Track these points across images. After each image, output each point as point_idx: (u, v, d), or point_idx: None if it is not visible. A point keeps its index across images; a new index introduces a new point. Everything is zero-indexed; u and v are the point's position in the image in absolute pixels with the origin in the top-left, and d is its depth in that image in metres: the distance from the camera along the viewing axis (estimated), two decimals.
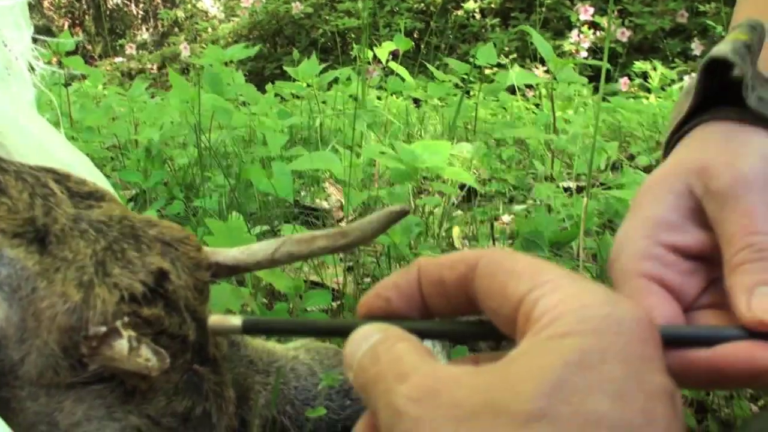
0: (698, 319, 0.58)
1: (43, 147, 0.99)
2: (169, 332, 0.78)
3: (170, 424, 0.78)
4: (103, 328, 0.73)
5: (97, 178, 0.97)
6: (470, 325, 0.50)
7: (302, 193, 2.05)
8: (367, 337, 0.48)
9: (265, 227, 1.63)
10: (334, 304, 1.33)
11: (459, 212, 1.95)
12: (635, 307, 0.42)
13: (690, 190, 0.59)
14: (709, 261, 0.59)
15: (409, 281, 0.51)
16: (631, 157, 2.51)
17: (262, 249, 0.90)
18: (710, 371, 0.49)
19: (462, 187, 1.92)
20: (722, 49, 0.65)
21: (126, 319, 0.74)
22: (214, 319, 0.55)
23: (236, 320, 0.54)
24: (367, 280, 1.43)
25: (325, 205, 1.98)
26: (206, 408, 0.80)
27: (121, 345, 0.73)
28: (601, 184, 2.09)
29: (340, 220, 1.87)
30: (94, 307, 0.74)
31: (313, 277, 1.42)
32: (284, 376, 0.96)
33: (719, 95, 0.65)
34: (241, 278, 1.27)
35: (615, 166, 2.32)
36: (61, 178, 0.86)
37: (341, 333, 0.51)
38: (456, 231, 1.78)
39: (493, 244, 1.40)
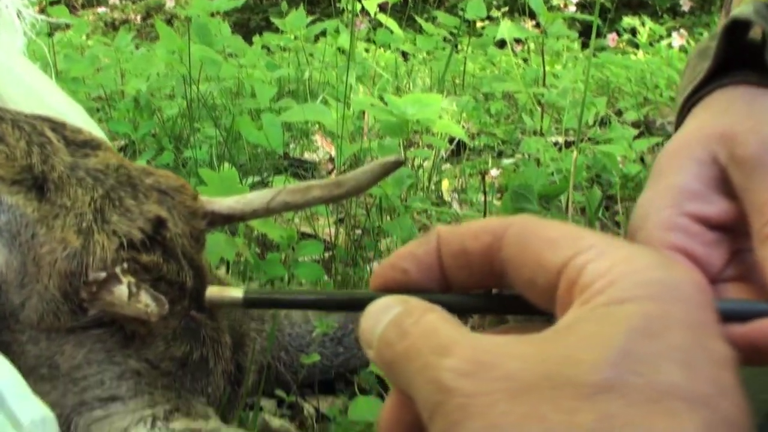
0: (722, 292, 0.56)
1: (38, 95, 0.99)
2: (168, 279, 0.79)
3: (168, 368, 0.80)
4: (103, 274, 0.74)
5: (91, 127, 0.98)
6: (500, 300, 0.47)
7: (291, 146, 2.05)
8: (386, 310, 0.44)
9: (257, 178, 1.63)
10: (326, 255, 1.35)
11: (448, 166, 1.96)
12: (690, 271, 0.40)
13: (714, 158, 0.57)
14: (732, 232, 0.56)
15: (428, 251, 0.47)
16: (619, 113, 2.52)
17: (257, 198, 0.91)
18: (745, 347, 0.47)
19: (451, 140, 1.93)
20: (744, 10, 0.62)
21: (125, 265, 0.75)
22: (213, 291, 0.51)
23: (236, 292, 0.50)
24: (358, 231, 1.45)
25: (314, 157, 1.98)
26: (203, 353, 0.82)
27: (121, 290, 0.74)
28: (590, 139, 2.10)
29: (329, 173, 1.87)
30: (93, 253, 0.75)
31: (305, 228, 1.43)
32: (279, 323, 0.98)
33: (738, 58, 0.63)
34: (233, 228, 1.28)
35: (603, 122, 2.33)
36: (57, 126, 0.86)
37: (352, 306, 0.48)
38: (445, 184, 1.79)
39: (485, 197, 1.41)
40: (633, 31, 4.78)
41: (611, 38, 4.60)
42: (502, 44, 3.19)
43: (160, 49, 2.71)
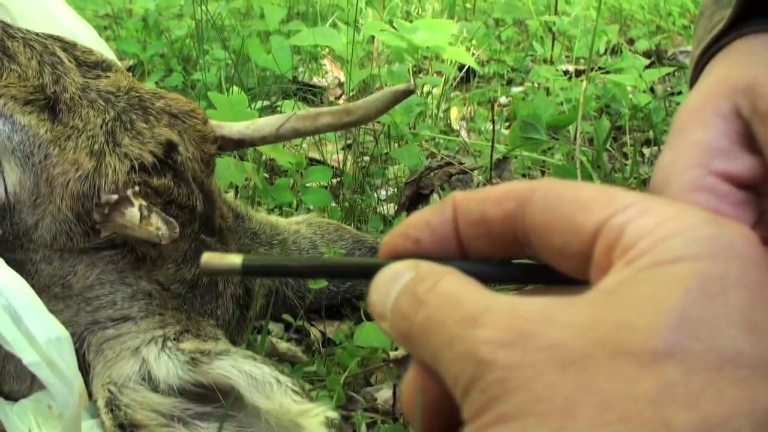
0: None
1: (49, 13, 0.98)
2: (178, 202, 0.80)
3: (179, 290, 0.81)
4: (115, 196, 0.75)
5: (102, 47, 0.97)
6: (524, 269, 0.44)
7: (300, 70, 2.04)
8: (396, 278, 0.41)
9: (265, 103, 1.63)
10: (334, 181, 1.35)
11: (457, 93, 1.95)
12: (742, 227, 0.38)
13: (738, 111, 0.52)
14: (758, 191, 0.53)
15: (444, 220, 0.44)
16: (631, 42, 2.49)
17: (267, 124, 0.91)
18: None
19: (461, 68, 1.91)
20: None
21: (137, 188, 0.76)
22: (210, 257, 0.47)
23: (235, 259, 0.47)
24: (366, 158, 1.45)
25: (323, 82, 1.97)
26: (213, 276, 0.83)
27: (132, 213, 0.75)
28: (600, 68, 2.08)
29: (338, 98, 1.87)
30: (105, 176, 0.76)
31: (313, 154, 1.43)
32: (287, 248, 0.99)
33: (759, 4, 0.58)
34: (242, 153, 1.29)
35: (614, 50, 2.30)
36: (68, 46, 0.86)
37: (360, 274, 0.45)
38: (454, 112, 1.79)
39: (493, 126, 1.41)
40: None
41: None
42: None
43: None
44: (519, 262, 0.45)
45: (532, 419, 0.33)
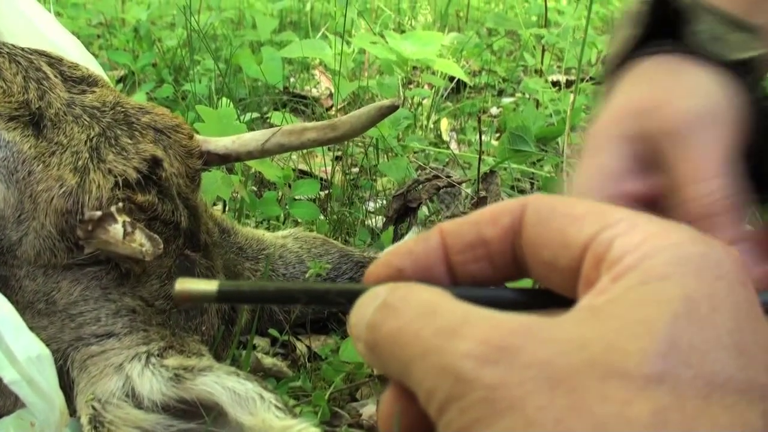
0: None
1: (35, 28, 0.98)
2: (162, 218, 0.80)
3: (163, 306, 0.81)
4: (99, 213, 0.75)
5: (88, 62, 0.97)
6: (526, 294, 0.42)
7: (291, 80, 2.04)
8: (375, 298, 0.40)
9: (255, 114, 1.63)
10: (322, 194, 1.35)
11: (448, 104, 1.96)
12: (727, 247, 0.37)
13: (641, 132, 0.56)
14: (661, 207, 0.57)
15: (428, 248, 0.43)
16: None
17: (253, 139, 0.91)
18: None
19: (452, 78, 1.92)
20: None
21: (120, 204, 0.76)
22: (183, 284, 0.45)
23: (210, 285, 0.45)
24: (355, 170, 1.45)
25: (314, 92, 1.98)
26: None
27: (116, 229, 0.75)
28: (591, 78, 2.09)
29: (329, 109, 1.87)
30: (89, 192, 0.76)
31: (302, 166, 1.44)
32: (273, 263, 0.99)
33: (668, 24, 0.62)
34: (230, 167, 1.29)
35: (605, 61, 2.31)
36: (54, 61, 0.86)
37: (340, 298, 0.43)
38: (444, 123, 1.79)
39: (480, 138, 1.41)
40: None
41: None
42: None
43: None
44: (514, 285, 0.43)
45: None
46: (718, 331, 0.33)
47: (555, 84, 2.01)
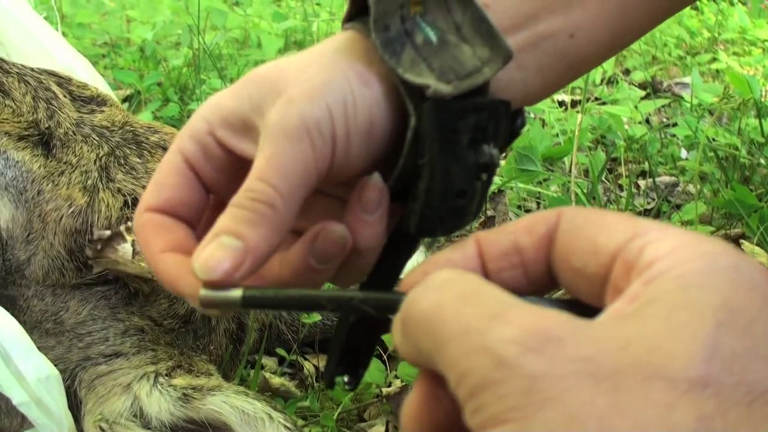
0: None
1: (44, 48, 0.99)
2: None
3: (171, 325, 0.81)
4: (108, 232, 0.75)
5: (97, 82, 0.98)
6: (559, 303, 0.42)
7: None
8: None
9: None
10: None
11: None
12: (755, 260, 0.38)
13: (256, 101, 0.53)
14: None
15: (465, 256, 0.43)
16: (627, 72, 2.50)
17: None
18: None
19: None
20: None
21: (129, 223, 0.76)
22: (208, 291, 0.46)
23: (235, 292, 0.45)
24: None
25: None
26: None
27: (125, 249, 0.75)
28: (596, 98, 2.09)
29: None
30: (98, 211, 0.76)
31: None
32: None
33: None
34: None
35: (610, 81, 2.32)
36: (63, 81, 0.86)
37: (371, 307, 0.43)
38: None
39: None
40: None
41: None
42: None
43: None
44: (552, 297, 0.43)
45: None
46: (757, 341, 0.33)
47: (561, 104, 2.01)
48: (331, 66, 0.53)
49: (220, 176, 0.54)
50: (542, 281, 0.43)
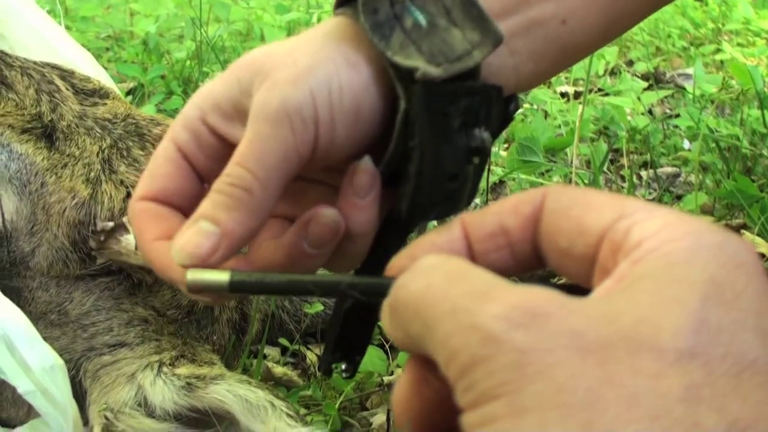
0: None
1: (47, 41, 0.99)
2: None
3: (175, 316, 0.82)
4: (111, 223, 0.76)
5: (100, 75, 0.98)
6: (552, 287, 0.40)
7: None
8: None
9: None
10: None
11: None
12: (742, 238, 0.37)
13: (245, 86, 0.53)
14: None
15: (451, 239, 0.43)
16: (630, 63, 2.50)
17: None
18: None
19: None
20: None
21: None
22: (195, 274, 0.46)
23: (222, 275, 0.45)
24: None
25: None
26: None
27: (128, 240, 0.75)
28: (599, 89, 2.09)
29: None
30: (101, 203, 0.76)
31: None
32: None
33: None
34: None
35: (613, 72, 2.32)
36: (66, 74, 0.87)
37: (360, 291, 0.44)
38: None
39: None
40: None
41: None
42: None
43: None
44: (542, 275, 0.44)
45: (554, 413, 0.31)
46: (744, 314, 0.34)
47: (563, 95, 2.01)
48: (318, 50, 0.53)
49: (214, 164, 0.54)
50: (529, 262, 0.43)
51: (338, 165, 0.54)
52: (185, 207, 0.55)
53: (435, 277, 0.37)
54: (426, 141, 0.50)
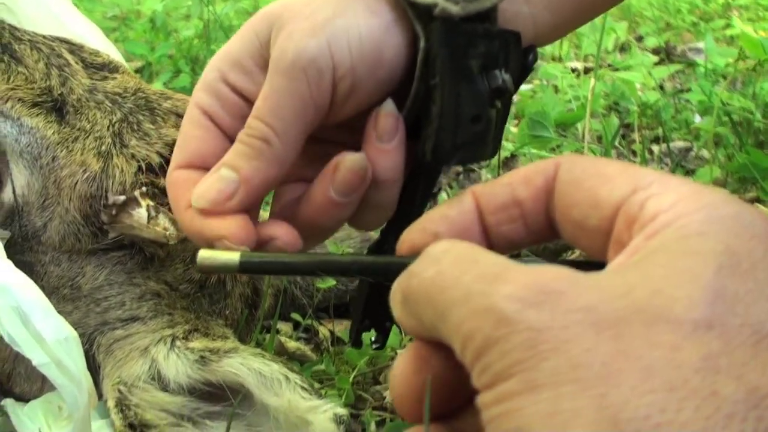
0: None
1: (55, 16, 0.98)
2: None
3: (187, 290, 0.81)
4: (122, 197, 0.75)
5: (109, 49, 0.97)
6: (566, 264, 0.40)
7: None
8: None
9: None
10: None
11: None
12: (758, 209, 0.37)
13: (264, 39, 0.55)
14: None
15: (463, 211, 0.43)
16: (640, 39, 2.48)
17: None
18: None
19: None
20: None
21: (144, 188, 0.76)
22: (205, 254, 0.47)
23: (232, 256, 0.46)
24: None
25: None
26: (221, 276, 0.83)
27: (140, 213, 0.75)
28: (609, 65, 2.07)
29: None
30: (113, 177, 0.76)
31: None
32: None
33: None
34: None
35: (623, 47, 2.30)
36: (75, 48, 0.86)
37: (371, 271, 0.44)
38: None
39: None
40: None
41: None
42: None
43: None
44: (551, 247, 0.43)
45: (569, 387, 0.31)
46: (760, 284, 0.33)
47: (573, 71, 2.00)
48: (336, 0, 0.54)
49: (239, 123, 0.55)
50: (544, 233, 0.43)
51: (362, 117, 0.54)
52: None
53: (445, 264, 0.37)
54: (446, 78, 0.50)
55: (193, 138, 0.56)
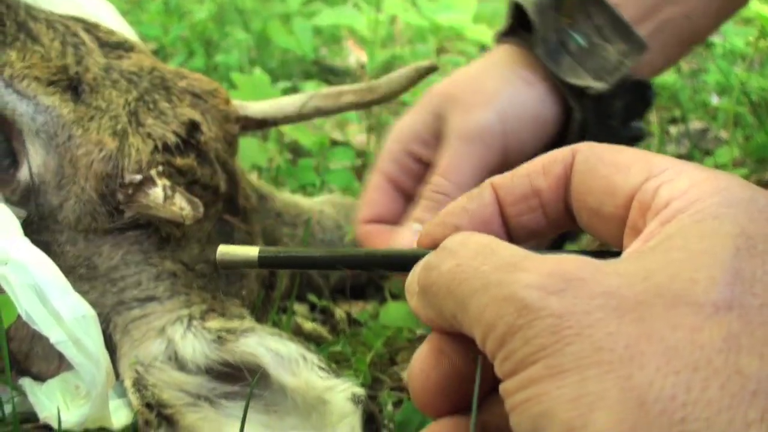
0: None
1: None
2: (202, 182, 0.80)
3: (203, 270, 0.81)
4: (139, 176, 0.75)
5: (124, 28, 0.97)
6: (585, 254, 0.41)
7: (322, 53, 2.03)
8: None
9: (288, 84, 1.62)
10: (358, 162, 1.35)
11: None
12: None
13: (438, 111, 0.71)
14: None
15: (483, 203, 0.43)
16: None
17: (289, 103, 0.90)
18: None
19: (483, 47, 1.90)
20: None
21: (160, 168, 0.76)
22: (225, 250, 0.48)
23: (251, 251, 0.47)
24: None
25: (349, 62, 1.96)
26: None
27: (156, 193, 0.74)
28: None
29: (360, 79, 1.86)
30: (129, 156, 0.75)
31: (336, 135, 1.43)
32: (311, 228, 0.98)
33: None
34: (265, 135, 1.28)
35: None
36: (90, 27, 0.86)
37: (391, 264, 0.44)
38: None
39: None
40: None
41: None
42: None
43: None
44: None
45: (593, 370, 0.31)
46: None
47: None
48: (498, 76, 0.71)
49: (415, 183, 0.74)
50: (562, 221, 0.43)
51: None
52: (396, 220, 0.74)
53: (464, 255, 0.37)
54: (597, 139, 0.60)
55: (377, 201, 0.74)
